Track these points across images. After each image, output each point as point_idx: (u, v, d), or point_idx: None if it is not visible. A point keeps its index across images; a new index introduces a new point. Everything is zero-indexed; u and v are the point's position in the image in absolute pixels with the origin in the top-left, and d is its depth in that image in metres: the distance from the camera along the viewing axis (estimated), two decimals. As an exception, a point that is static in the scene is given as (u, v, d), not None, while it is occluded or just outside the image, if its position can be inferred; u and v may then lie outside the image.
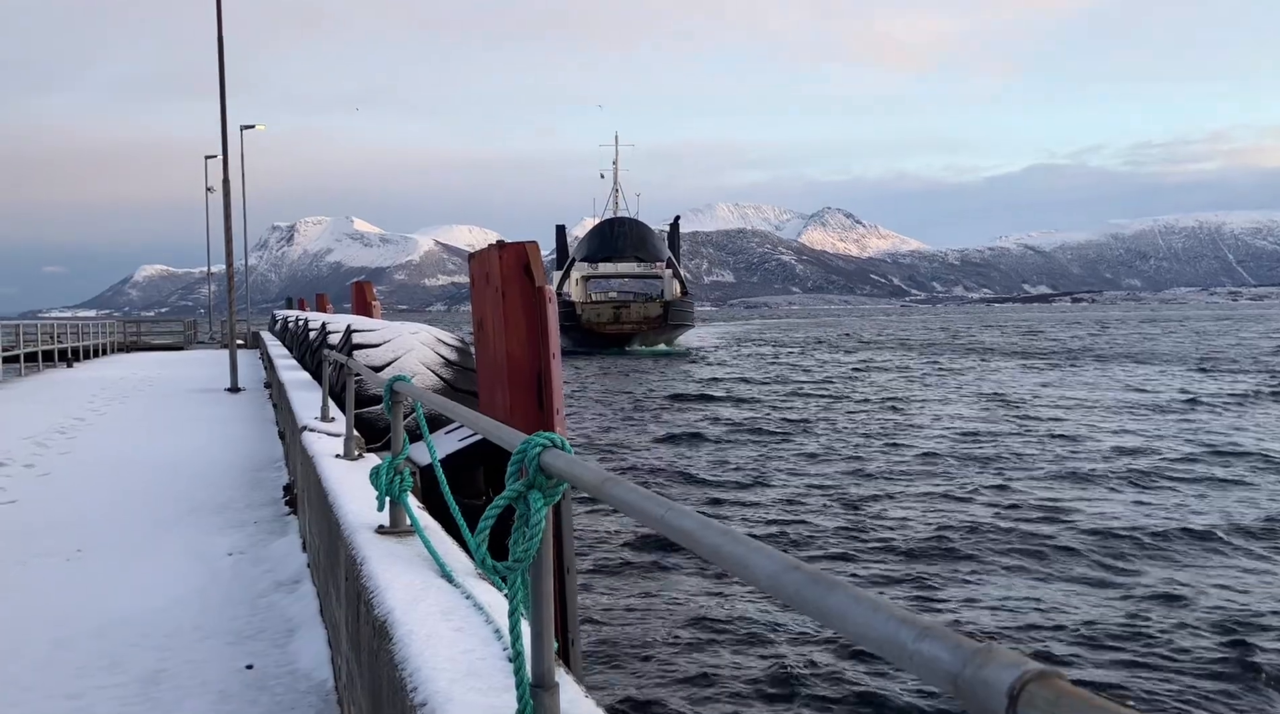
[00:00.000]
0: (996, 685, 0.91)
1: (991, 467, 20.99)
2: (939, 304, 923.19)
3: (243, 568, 7.33)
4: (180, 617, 6.17)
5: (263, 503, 9.63)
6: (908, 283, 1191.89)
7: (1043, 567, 13.25)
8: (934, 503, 17.34)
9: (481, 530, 2.33)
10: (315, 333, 17.19)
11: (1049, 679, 0.88)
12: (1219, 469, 20.36)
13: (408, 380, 4.72)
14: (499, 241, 9.06)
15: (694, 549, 1.44)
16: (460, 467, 8.30)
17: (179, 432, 14.80)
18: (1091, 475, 19.68)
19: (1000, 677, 0.91)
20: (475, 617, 3.20)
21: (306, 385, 13.21)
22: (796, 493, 18.28)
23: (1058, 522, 15.71)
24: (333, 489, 5.52)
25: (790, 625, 10.79)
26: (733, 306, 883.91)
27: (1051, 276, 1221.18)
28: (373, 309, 26.17)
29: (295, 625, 5.96)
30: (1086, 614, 11.26)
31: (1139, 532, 14.91)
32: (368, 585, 3.70)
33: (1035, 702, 0.87)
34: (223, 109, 23.08)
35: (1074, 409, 31.95)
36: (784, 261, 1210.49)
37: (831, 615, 1.12)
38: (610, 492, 1.76)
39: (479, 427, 3.03)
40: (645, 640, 10.59)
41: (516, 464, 2.15)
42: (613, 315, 79.72)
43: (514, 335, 8.69)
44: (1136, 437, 25.15)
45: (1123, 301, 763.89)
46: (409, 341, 13.07)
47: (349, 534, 4.50)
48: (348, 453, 6.84)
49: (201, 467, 11.60)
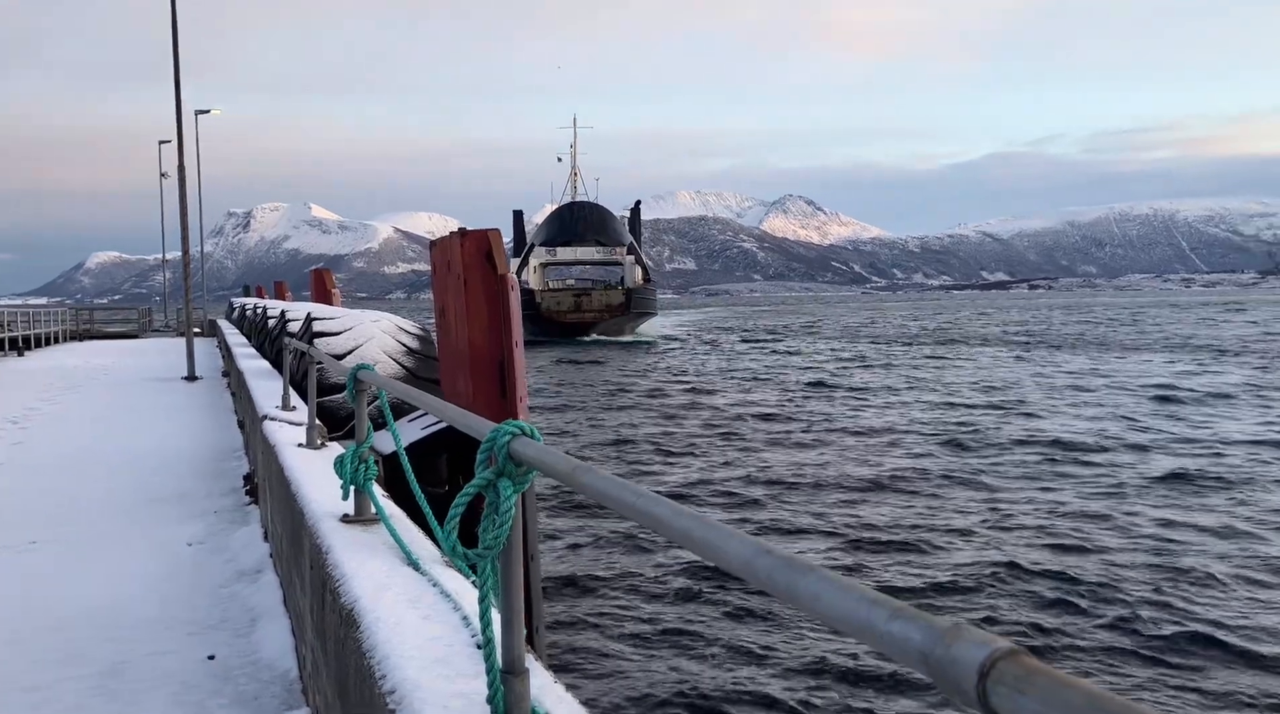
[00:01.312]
0: (967, 663, 0.93)
1: (973, 454, 21.25)
2: (899, 291, 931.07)
3: (203, 558, 7.26)
4: (140, 608, 6.11)
5: (223, 492, 9.53)
6: (868, 270, 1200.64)
7: (1017, 552, 13.45)
8: (908, 486, 17.53)
9: (452, 518, 2.34)
10: (275, 321, 17.01)
11: (1018, 657, 0.91)
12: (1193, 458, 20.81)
13: (371, 369, 4.70)
14: (461, 229, 9.01)
15: (666, 535, 1.45)
16: (423, 454, 8.27)
17: (135, 421, 14.59)
18: (1071, 462, 20.03)
19: (971, 654, 0.93)
20: (443, 604, 3.20)
21: (266, 374, 13.08)
22: (767, 480, 18.38)
23: (1035, 506, 15.95)
24: (296, 478, 5.48)
25: (760, 610, 10.88)
26: (694, 294, 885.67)
27: (1009, 263, 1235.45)
28: (332, 297, 25.94)
29: (258, 615, 5.92)
30: (1056, 597, 11.44)
31: (1110, 516, 15.18)
32: (334, 574, 3.69)
33: (1004, 678, 0.89)
34: (177, 93, 22.71)
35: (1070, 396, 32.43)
36: (746, 249, 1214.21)
37: (804, 598, 1.14)
38: (581, 479, 1.77)
39: (447, 415, 3.02)
40: (612, 626, 10.62)
41: (486, 452, 2.16)
42: (573, 303, 77.80)
43: (476, 323, 8.66)
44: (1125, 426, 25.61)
45: (1079, 288, 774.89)
46: (370, 330, 12.98)
47: (313, 523, 4.47)
48: (310, 442, 6.79)
49: (159, 456, 11.46)
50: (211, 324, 41.74)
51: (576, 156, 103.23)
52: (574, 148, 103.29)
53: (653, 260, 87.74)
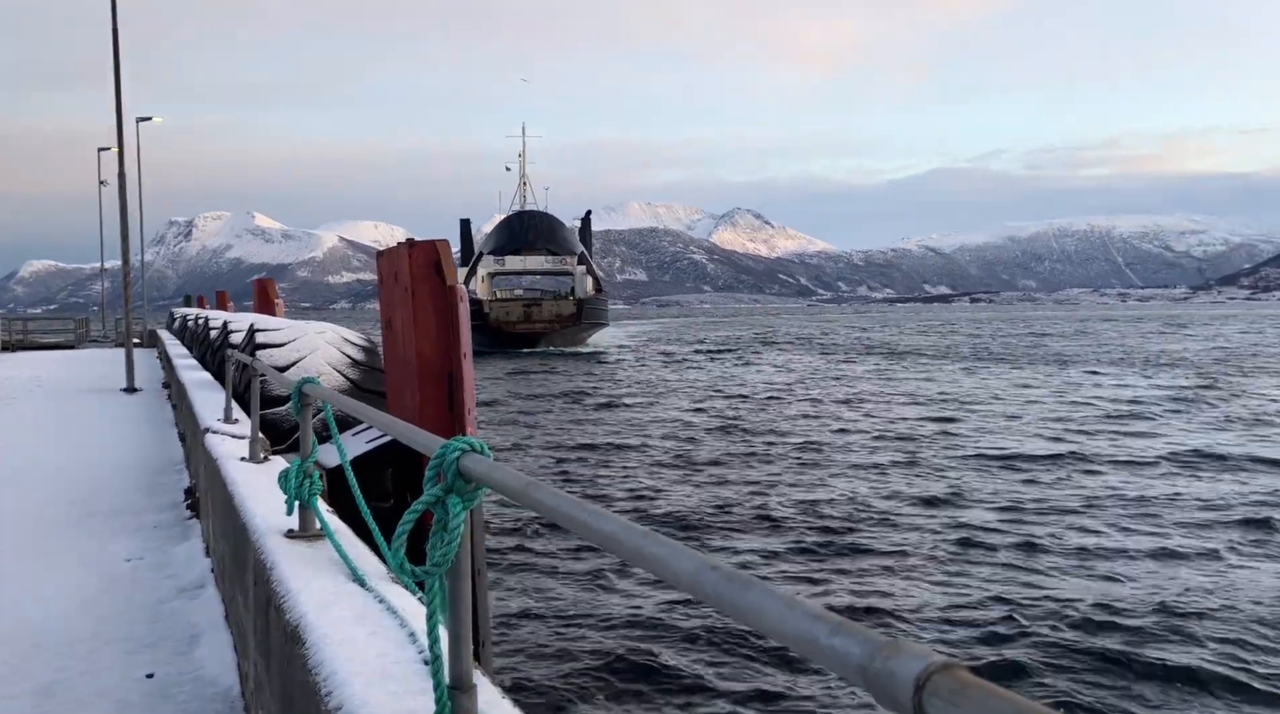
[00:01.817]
0: (903, 676, 0.96)
1: (915, 463, 21.53)
2: (844, 303, 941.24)
3: (142, 574, 7.11)
4: (76, 626, 5.97)
5: (163, 507, 9.35)
6: (814, 283, 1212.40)
7: (962, 564, 13.64)
8: (854, 497, 17.72)
9: (400, 535, 2.33)
10: (217, 332, 16.75)
11: (953, 670, 0.94)
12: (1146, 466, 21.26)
13: (316, 382, 4.66)
14: (409, 240, 8.96)
15: (616, 551, 1.47)
16: (369, 468, 8.21)
17: (72, 433, 14.26)
18: (1012, 470, 20.37)
19: (907, 668, 0.96)
20: (389, 620, 3.18)
21: (208, 386, 12.87)
22: (717, 493, 18.44)
23: (977, 514, 16.20)
24: (239, 492, 5.41)
25: (707, 624, 10.91)
26: (645, 305, 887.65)
27: (951, 277, 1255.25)
28: (276, 307, 25.59)
29: (199, 632, 5.82)
30: (999, 611, 11.63)
31: (1052, 531, 15.47)
32: (278, 590, 3.65)
33: (939, 691, 0.93)
34: (118, 100, 22.30)
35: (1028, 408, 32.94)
36: (696, 261, 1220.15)
37: (749, 613, 1.17)
38: (533, 496, 1.78)
39: (394, 430, 3.01)
40: (560, 641, 10.59)
41: (435, 469, 2.16)
42: (523, 313, 76.79)
43: (424, 335, 8.61)
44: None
45: (1019, 302, 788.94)
46: (314, 341, 12.83)
47: (257, 538, 4.42)
48: (253, 455, 6.70)
49: (97, 469, 11.21)
50: (152, 335, 40.93)
51: (525, 165, 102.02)
52: (522, 156, 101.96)
53: (604, 271, 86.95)
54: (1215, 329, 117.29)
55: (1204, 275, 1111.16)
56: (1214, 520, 15.94)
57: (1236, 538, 14.82)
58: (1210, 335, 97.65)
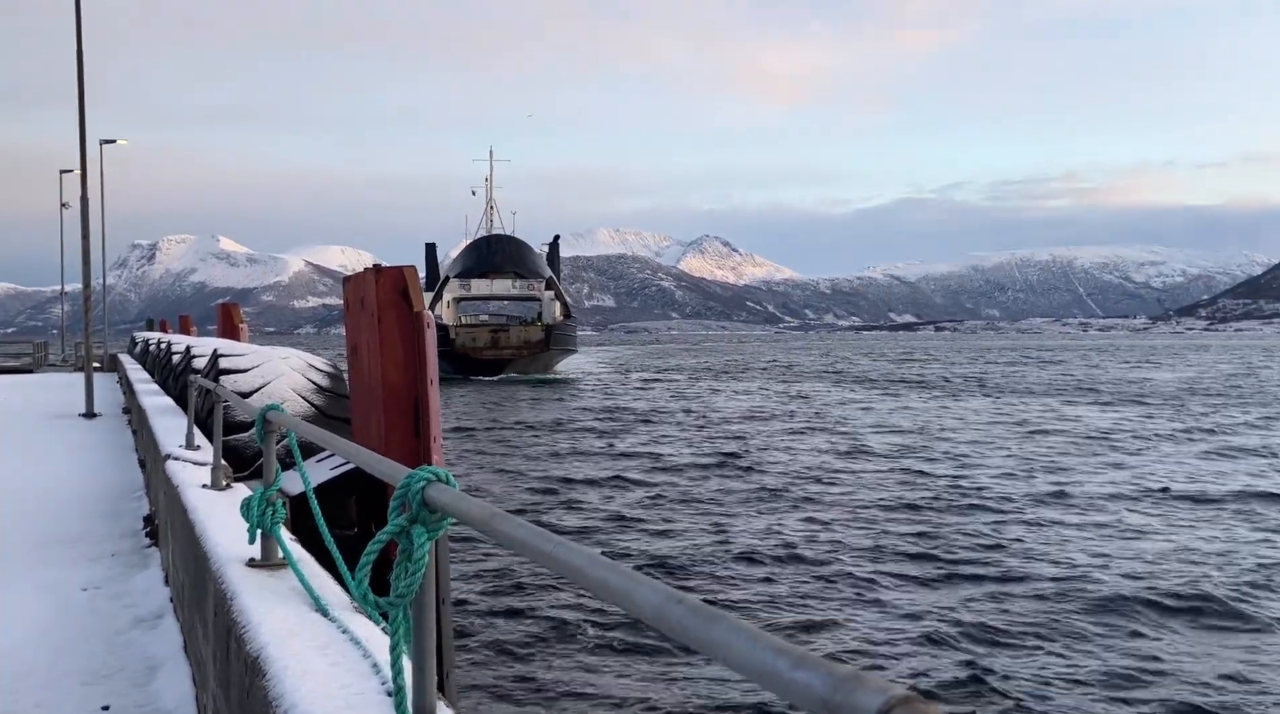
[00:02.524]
0: (865, 709, 0.97)
1: (886, 489, 21.60)
2: (811, 331, 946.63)
3: (99, 603, 6.99)
4: (30, 656, 5.85)
5: (122, 534, 9.20)
6: (781, 310, 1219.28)
7: (929, 593, 13.70)
8: (826, 527, 17.75)
9: (364, 565, 2.32)
10: (179, 356, 16.56)
11: (913, 704, 0.96)
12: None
13: (280, 409, 4.62)
14: (375, 265, 8.93)
15: (581, 583, 1.48)
16: (333, 495, 8.12)
17: (28, 459, 14.01)
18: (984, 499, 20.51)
19: (868, 702, 0.97)
20: (352, 651, 3.15)
21: (169, 411, 12.70)
22: (690, 525, 18.27)
23: (944, 543, 16.28)
24: (200, 520, 5.35)
25: (674, 659, 10.85)
26: (613, 331, 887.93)
27: (916, 306, 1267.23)
28: (240, 332, 25.35)
29: (157, 663, 5.72)
30: (968, 643, 11.67)
31: (1024, 564, 15.59)
32: (239, 620, 3.60)
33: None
34: (81, 122, 22.11)
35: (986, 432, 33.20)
36: (664, 287, 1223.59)
37: (714, 646, 1.18)
38: (498, 527, 1.78)
39: (359, 459, 3.00)
40: (524, 671, 10.51)
41: (400, 499, 2.15)
42: (490, 339, 75.25)
43: (390, 361, 8.57)
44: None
45: (983, 330, 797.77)
46: (279, 367, 12.71)
47: (218, 567, 4.37)
48: (215, 482, 6.62)
49: (54, 496, 11.01)
50: (113, 359, 40.36)
51: (492, 190, 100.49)
52: (489, 181, 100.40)
53: (572, 297, 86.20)
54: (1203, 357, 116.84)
55: (1163, 306, 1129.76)
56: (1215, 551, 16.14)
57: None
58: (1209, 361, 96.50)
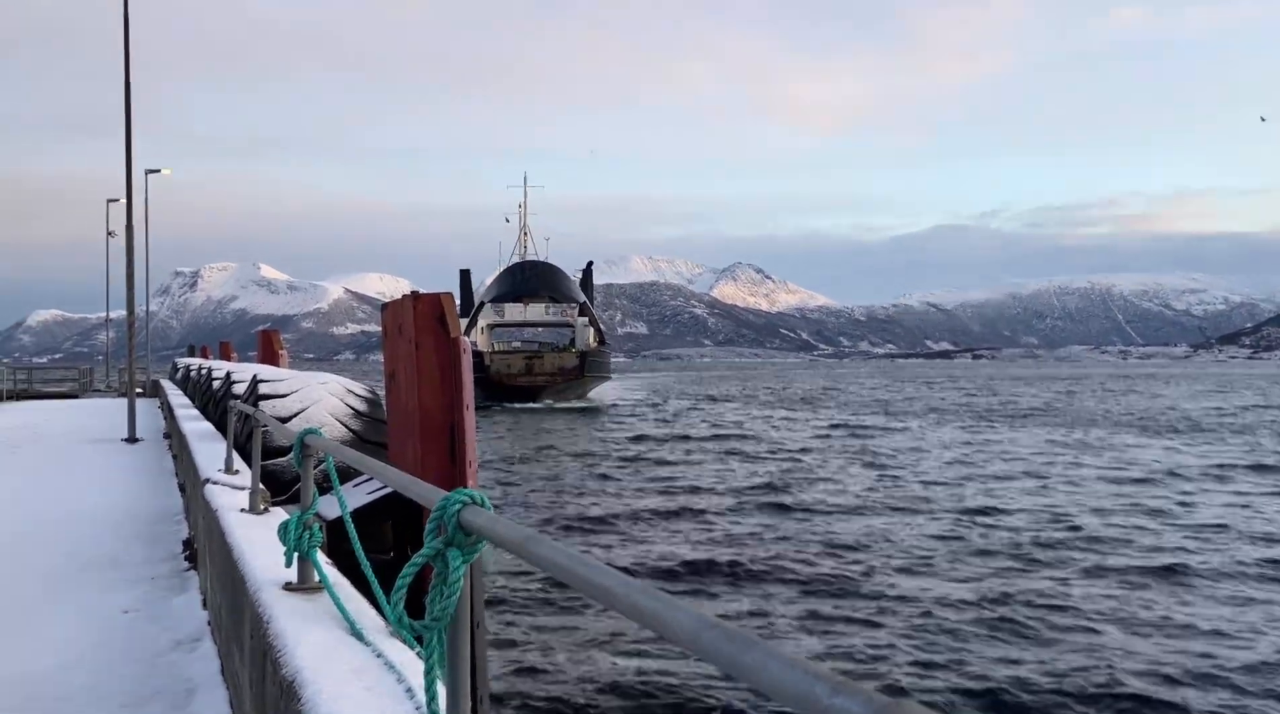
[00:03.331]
0: (905, 738, 0.96)
1: (926, 526, 21.33)
2: (845, 358, 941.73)
3: (139, 626, 7.05)
4: (71, 678, 5.91)
5: (161, 558, 9.30)
6: (815, 337, 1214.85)
7: (975, 627, 13.50)
8: (872, 555, 17.57)
9: (399, 589, 2.32)
10: (219, 382, 16.77)
11: (953, 731, 0.94)
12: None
13: (319, 432, 4.66)
14: (413, 292, 9.02)
15: (615, 607, 1.47)
16: (369, 520, 8.17)
17: (72, 483, 14.22)
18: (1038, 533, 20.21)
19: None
20: (387, 676, 3.15)
21: (209, 436, 12.85)
22: (722, 553, 17.92)
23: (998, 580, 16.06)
24: (238, 544, 5.39)
25: (705, 681, 10.77)
26: (646, 358, 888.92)
27: (953, 333, 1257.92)
28: (279, 358, 25.63)
29: (195, 686, 5.76)
30: (1011, 673, 11.48)
31: (1063, 592, 15.33)
32: (275, 644, 3.62)
33: (941, 752, 0.92)
34: (128, 152, 22.57)
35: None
36: (696, 315, 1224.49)
37: (749, 671, 1.17)
38: (532, 550, 1.78)
39: (395, 482, 3.01)
40: (559, 698, 10.45)
41: (436, 521, 2.16)
42: (524, 366, 74.69)
43: (427, 386, 8.62)
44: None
45: (1021, 358, 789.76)
46: (317, 392, 12.85)
47: (255, 591, 4.39)
48: (253, 506, 6.68)
49: (96, 520, 11.15)
50: (155, 385, 40.96)
51: (526, 216, 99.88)
52: (523, 207, 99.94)
53: (605, 324, 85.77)
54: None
55: (1204, 334, 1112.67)
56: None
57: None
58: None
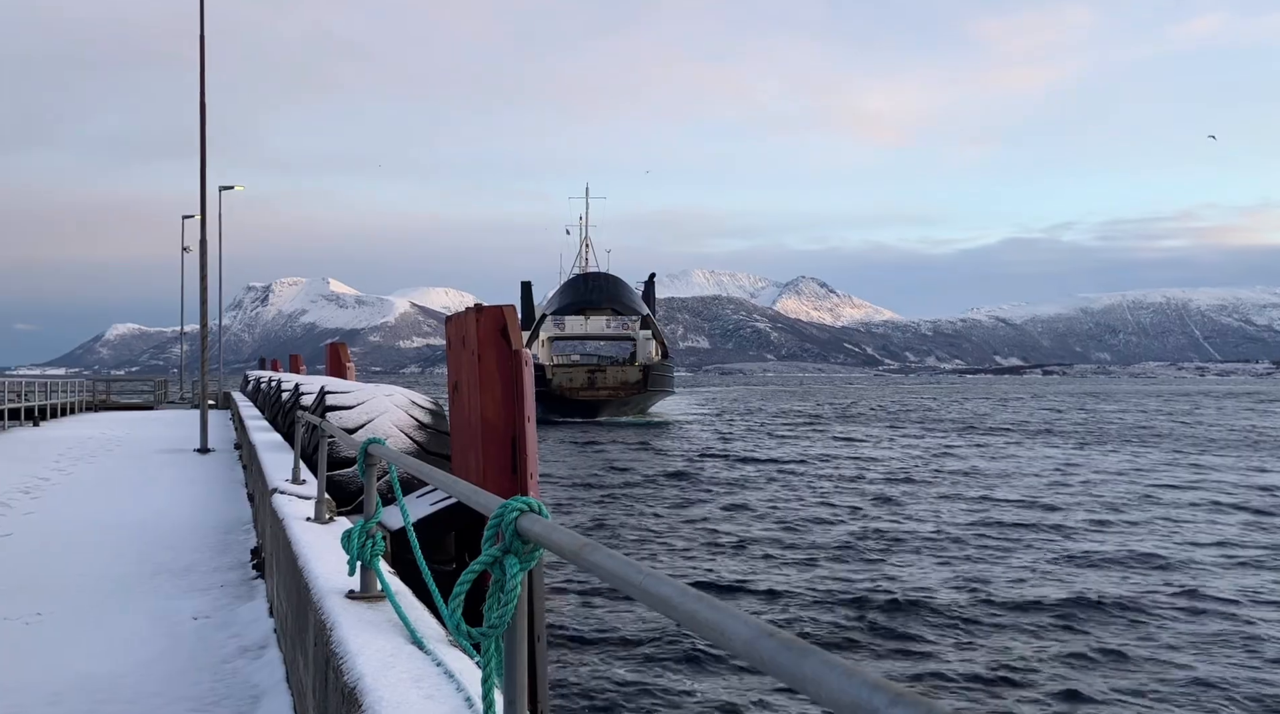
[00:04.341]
0: (967, 752, 0.92)
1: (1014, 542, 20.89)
2: (911, 374, 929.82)
3: (207, 632, 7.19)
4: (141, 682, 6.04)
5: (230, 566, 9.48)
6: (881, 352, 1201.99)
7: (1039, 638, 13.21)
8: (932, 573, 17.30)
9: (457, 595, 2.33)
10: (288, 394, 17.09)
11: (1018, 745, 0.90)
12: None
13: (382, 442, 4.71)
14: (476, 305, 9.10)
15: (671, 615, 1.45)
16: (431, 531, 8.24)
17: (145, 492, 14.59)
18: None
19: (971, 743, 0.92)
20: (446, 684, 3.16)
21: (277, 447, 13.10)
22: (786, 574, 17.57)
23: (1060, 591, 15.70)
24: (303, 553, 5.46)
25: (765, 692, 10.66)
26: (708, 372, 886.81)
27: (1022, 349, 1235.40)
28: (347, 371, 26.04)
29: (260, 692, 5.84)
30: (1072, 683, 11.20)
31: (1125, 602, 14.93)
32: (337, 651, 3.65)
33: (1005, 767, 0.89)
34: (202, 170, 23.18)
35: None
36: (759, 329, 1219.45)
37: (806, 681, 1.14)
38: (588, 558, 1.77)
39: (455, 491, 3.02)
40: (614, 703, 10.42)
41: (493, 529, 2.16)
42: (586, 380, 73.44)
43: (489, 398, 8.69)
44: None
45: (1093, 374, 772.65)
46: (383, 404, 13.02)
47: (319, 599, 4.45)
48: (319, 516, 6.78)
49: (167, 528, 11.43)
50: (226, 396, 41.93)
51: (588, 227, 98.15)
52: (584, 218, 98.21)
53: (666, 338, 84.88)
54: None
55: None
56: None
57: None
58: None
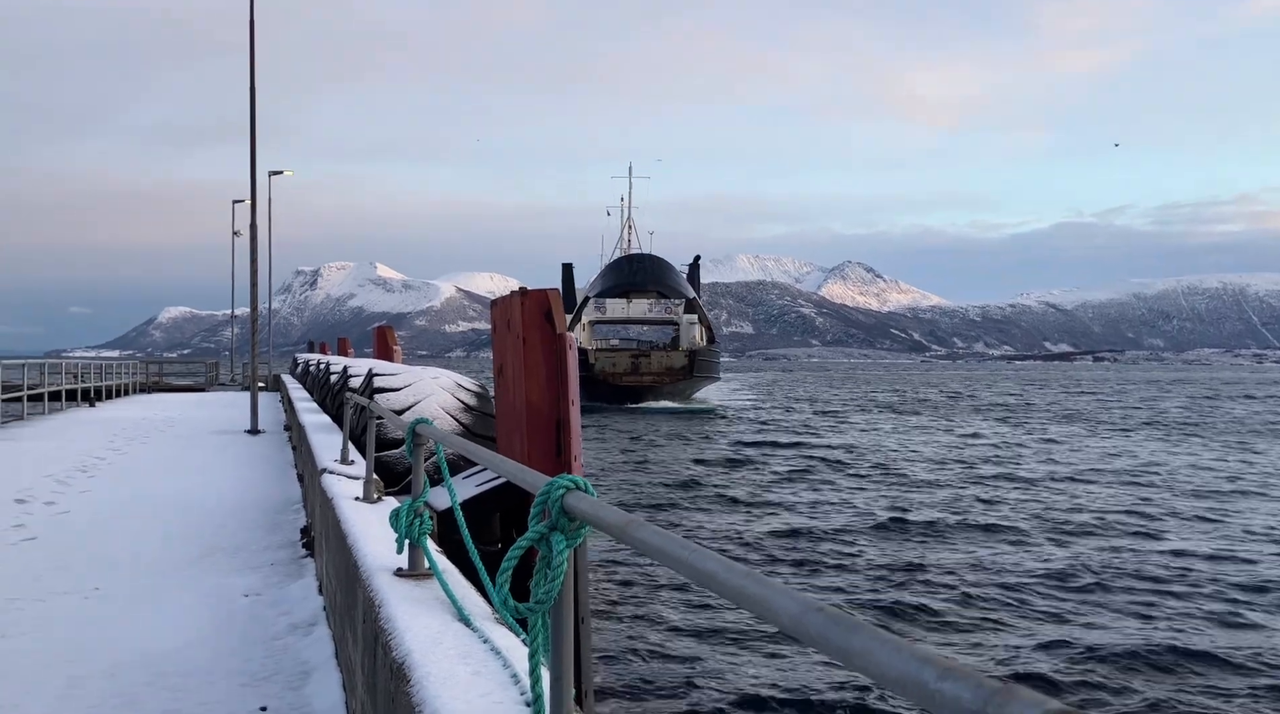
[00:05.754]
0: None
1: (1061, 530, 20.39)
2: (959, 360, 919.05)
3: (259, 609, 7.33)
4: (195, 657, 6.17)
5: (280, 545, 9.64)
6: (928, 338, 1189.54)
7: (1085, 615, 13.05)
8: (986, 559, 17.15)
9: (504, 571, 2.35)
10: (336, 376, 17.32)
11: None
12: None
13: (430, 423, 4.76)
14: (521, 288, 9.15)
15: (717, 591, 1.45)
16: (477, 511, 8.31)
17: (198, 472, 14.87)
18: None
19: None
20: (493, 660, 3.20)
21: (326, 428, 13.28)
22: (836, 559, 17.08)
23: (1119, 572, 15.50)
24: (352, 531, 5.54)
25: (810, 669, 10.64)
26: (751, 358, 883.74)
27: (1073, 335, 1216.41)
28: (394, 354, 26.35)
29: (310, 668, 5.95)
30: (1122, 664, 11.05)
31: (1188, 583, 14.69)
32: (386, 628, 3.71)
33: (1056, 742, 0.88)
34: (252, 155, 23.48)
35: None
36: (804, 314, 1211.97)
37: (854, 656, 1.14)
38: (634, 534, 1.78)
39: (502, 469, 3.05)
40: (664, 687, 10.46)
41: (540, 506, 2.18)
42: (630, 365, 71.77)
43: (534, 382, 8.75)
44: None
45: (1145, 361, 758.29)
46: (429, 386, 13.17)
47: (368, 576, 4.51)
48: (367, 496, 6.87)
49: (220, 507, 11.64)
50: (276, 379, 42.57)
51: (630, 207, 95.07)
52: (626, 199, 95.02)
53: (710, 323, 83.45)
54: None
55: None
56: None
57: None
58: None
